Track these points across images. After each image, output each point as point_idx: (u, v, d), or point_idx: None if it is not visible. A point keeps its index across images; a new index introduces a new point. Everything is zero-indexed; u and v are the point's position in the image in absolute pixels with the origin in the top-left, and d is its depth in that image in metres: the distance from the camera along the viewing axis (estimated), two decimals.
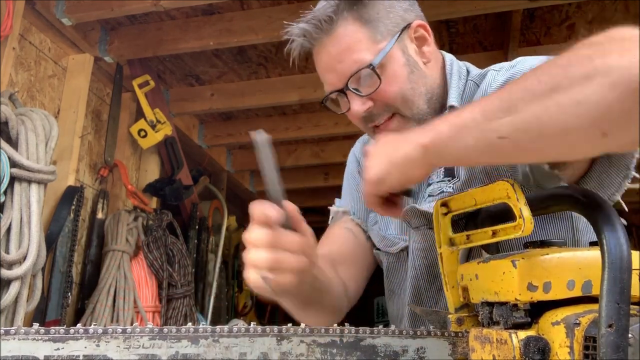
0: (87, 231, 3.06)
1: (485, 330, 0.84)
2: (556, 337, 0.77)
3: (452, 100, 1.22)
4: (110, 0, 2.71)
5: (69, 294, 2.69)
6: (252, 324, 0.93)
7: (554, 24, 3.10)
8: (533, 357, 0.77)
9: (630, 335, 0.70)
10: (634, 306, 0.73)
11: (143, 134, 3.26)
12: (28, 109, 2.46)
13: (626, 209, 1.10)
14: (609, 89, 0.71)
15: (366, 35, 1.18)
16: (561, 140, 0.78)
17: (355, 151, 1.54)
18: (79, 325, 0.85)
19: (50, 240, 2.59)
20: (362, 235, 1.39)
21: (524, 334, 0.79)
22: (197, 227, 3.88)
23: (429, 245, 1.21)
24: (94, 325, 0.86)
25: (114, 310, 2.86)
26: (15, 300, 2.19)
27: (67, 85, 2.97)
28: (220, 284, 4.14)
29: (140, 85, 3.24)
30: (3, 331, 0.81)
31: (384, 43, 1.18)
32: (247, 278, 0.90)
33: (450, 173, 1.22)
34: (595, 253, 0.77)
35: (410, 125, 1.21)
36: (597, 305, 0.72)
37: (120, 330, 0.85)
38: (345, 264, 1.35)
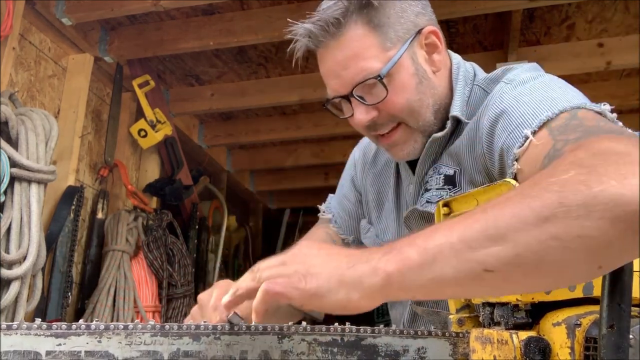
0: (87, 231, 3.06)
1: (486, 331, 0.84)
2: (557, 338, 0.77)
3: (455, 110, 1.17)
4: (110, 0, 2.71)
5: (69, 293, 2.69)
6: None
7: (554, 24, 3.10)
8: (534, 358, 0.77)
9: (631, 336, 0.70)
10: (635, 307, 0.74)
11: (143, 134, 3.26)
12: (28, 108, 2.46)
13: None
14: (611, 224, 0.64)
15: (375, 42, 1.12)
16: (556, 274, 0.70)
17: (355, 156, 1.52)
18: (80, 321, 0.86)
19: (50, 240, 2.59)
20: (340, 243, 1.42)
21: (524, 335, 0.79)
22: (197, 227, 3.88)
23: None
24: (96, 321, 0.86)
25: (114, 310, 2.86)
26: (15, 300, 2.19)
27: (67, 85, 2.97)
28: None
29: (140, 85, 3.24)
30: (5, 326, 0.81)
31: (393, 51, 1.13)
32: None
33: (451, 181, 1.17)
34: None
35: (415, 136, 1.18)
36: (599, 307, 0.72)
37: (122, 326, 0.85)
38: None
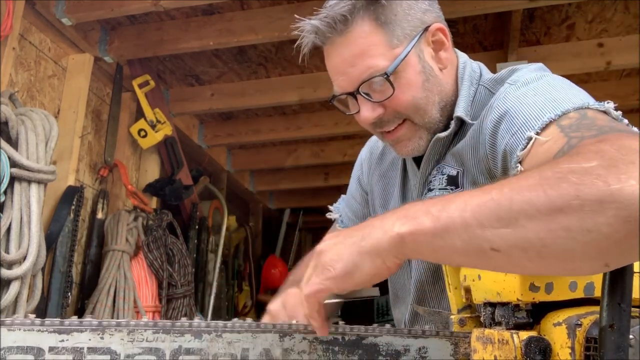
0: (87, 231, 3.06)
1: (487, 331, 0.84)
2: (558, 338, 0.77)
3: (460, 111, 1.18)
4: (110, 0, 2.71)
5: (69, 293, 2.69)
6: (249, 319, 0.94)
7: (554, 23, 3.10)
8: (534, 358, 0.77)
9: (631, 336, 0.70)
10: (635, 308, 0.74)
11: (143, 134, 3.26)
12: (28, 109, 2.46)
13: None
14: (623, 222, 0.64)
15: (382, 39, 1.12)
16: (561, 263, 0.71)
17: (362, 156, 1.52)
18: (87, 316, 0.86)
19: (50, 240, 2.59)
20: None
21: (525, 335, 0.79)
22: (197, 227, 3.88)
23: None
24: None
25: (114, 310, 2.86)
26: (15, 300, 2.19)
27: (67, 85, 2.97)
28: (220, 284, 4.14)
29: (140, 85, 3.25)
30: (9, 321, 0.81)
31: (400, 48, 1.13)
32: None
33: (454, 182, 1.18)
34: None
35: (420, 132, 1.19)
36: (599, 307, 0.72)
37: (124, 323, 0.85)
38: None
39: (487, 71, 1.27)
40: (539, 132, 0.93)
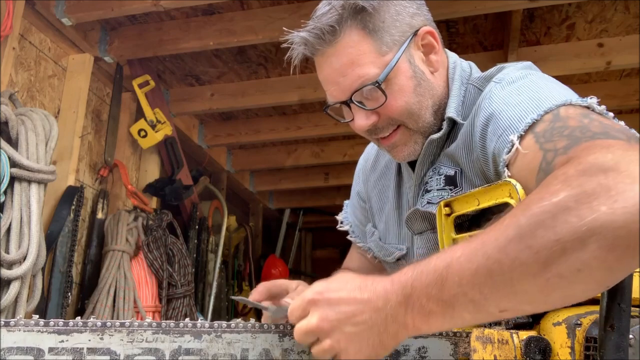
0: (87, 231, 3.06)
1: (486, 331, 0.84)
2: (557, 338, 0.77)
3: (451, 112, 1.17)
4: (110, 0, 2.71)
5: (69, 293, 2.69)
6: (252, 320, 0.94)
7: (554, 24, 3.10)
8: (534, 358, 0.77)
9: (631, 336, 0.70)
10: (634, 307, 0.74)
11: (143, 134, 3.26)
12: (28, 109, 2.46)
13: None
14: (608, 251, 0.66)
15: (371, 47, 1.12)
16: (566, 301, 0.75)
17: (359, 167, 1.52)
18: (87, 317, 0.86)
19: (50, 240, 2.59)
20: (368, 255, 1.45)
21: (525, 334, 0.79)
22: (197, 227, 3.88)
23: (434, 250, 1.19)
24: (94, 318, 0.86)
25: (114, 310, 2.86)
26: (15, 300, 2.19)
27: (67, 85, 2.97)
28: (220, 284, 4.14)
29: (140, 85, 3.24)
30: (9, 322, 0.81)
31: (390, 55, 1.12)
32: None
33: (452, 182, 1.17)
34: None
35: (416, 137, 1.19)
36: (599, 307, 0.72)
37: (125, 324, 0.85)
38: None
39: (477, 70, 1.26)
40: (523, 135, 0.93)
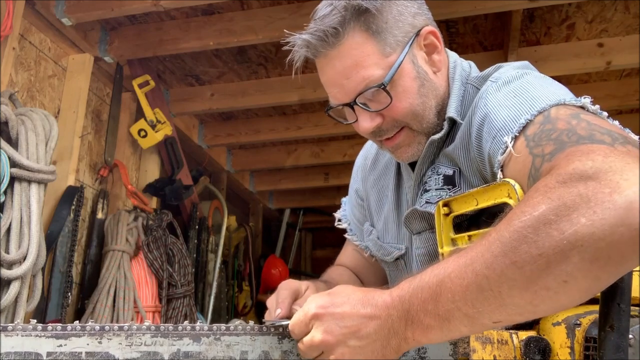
0: (87, 231, 3.06)
1: (486, 331, 0.84)
2: (557, 338, 0.77)
3: (451, 112, 1.17)
4: (110, 0, 2.71)
5: (69, 293, 2.69)
6: (251, 322, 0.94)
7: (554, 24, 3.10)
8: (533, 358, 0.78)
9: (630, 336, 0.70)
10: (634, 307, 0.74)
11: (143, 134, 3.25)
12: (28, 109, 2.46)
13: None
14: (590, 263, 0.67)
15: (374, 48, 1.11)
16: (557, 309, 0.78)
17: (357, 164, 1.52)
18: (87, 321, 0.86)
19: (50, 240, 2.59)
20: (365, 253, 1.46)
21: (524, 335, 0.79)
22: (197, 227, 3.88)
23: (433, 250, 1.19)
24: (91, 321, 0.86)
25: (114, 310, 2.85)
26: (15, 300, 2.19)
27: (67, 85, 2.97)
28: (220, 284, 4.14)
29: (140, 85, 3.24)
30: (10, 327, 0.81)
31: (394, 56, 1.12)
32: None
33: (450, 182, 1.17)
34: None
35: (419, 138, 1.19)
36: (598, 306, 0.72)
37: (124, 327, 0.85)
38: (365, 275, 1.47)
39: (476, 69, 1.26)
40: (516, 137, 0.93)
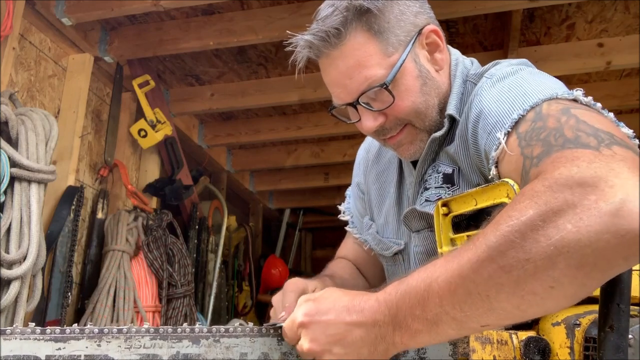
0: (87, 231, 3.06)
1: (485, 331, 0.84)
2: (556, 338, 0.77)
3: (451, 109, 1.18)
4: (110, 0, 2.71)
5: (69, 293, 2.69)
6: (250, 324, 0.94)
7: (554, 23, 3.09)
8: (533, 358, 0.78)
9: (630, 336, 0.70)
10: (634, 307, 0.74)
11: (143, 133, 3.25)
12: (28, 108, 2.46)
13: None
14: (577, 269, 0.68)
15: (377, 48, 1.11)
16: (543, 314, 0.79)
17: (359, 156, 1.53)
18: (86, 324, 0.85)
19: (50, 240, 2.59)
20: (365, 247, 1.46)
21: (524, 335, 0.79)
22: (197, 227, 3.88)
23: (431, 248, 1.20)
24: (90, 324, 0.86)
25: (114, 310, 2.85)
26: (15, 300, 2.19)
27: (67, 85, 2.97)
28: (220, 283, 4.14)
29: (140, 85, 3.24)
30: (9, 330, 0.81)
31: (396, 56, 1.12)
32: None
33: (449, 180, 1.18)
34: None
35: (422, 135, 1.19)
36: (598, 306, 0.72)
37: (123, 330, 0.85)
38: (365, 266, 1.46)
39: (478, 66, 1.26)
40: (509, 132, 0.93)
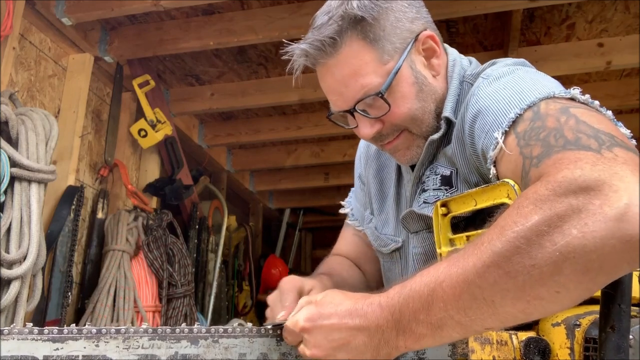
0: (87, 231, 3.06)
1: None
2: (556, 338, 0.77)
3: (447, 111, 1.17)
4: (110, 0, 2.71)
5: (69, 293, 2.69)
6: (249, 324, 0.94)
7: (554, 23, 3.09)
8: (533, 358, 0.77)
9: (631, 336, 0.70)
10: (634, 307, 0.74)
11: (143, 133, 3.25)
12: (28, 108, 2.45)
13: None
14: (582, 274, 0.69)
15: (372, 57, 1.11)
16: (547, 315, 0.80)
17: (360, 150, 1.53)
18: (85, 324, 0.85)
19: (51, 239, 2.59)
20: (365, 238, 1.45)
21: (524, 335, 0.79)
22: (197, 227, 3.88)
23: (430, 249, 1.20)
24: (89, 324, 0.85)
25: (114, 310, 2.85)
26: (16, 300, 2.19)
27: (67, 85, 2.97)
28: (220, 283, 4.14)
29: (140, 85, 3.24)
30: (7, 330, 0.81)
31: (392, 63, 1.12)
32: None
33: (447, 182, 1.18)
34: None
35: (418, 141, 1.20)
36: (598, 306, 0.72)
37: (121, 330, 0.84)
38: (363, 261, 1.46)
39: (477, 64, 1.25)
40: (507, 131, 0.93)
